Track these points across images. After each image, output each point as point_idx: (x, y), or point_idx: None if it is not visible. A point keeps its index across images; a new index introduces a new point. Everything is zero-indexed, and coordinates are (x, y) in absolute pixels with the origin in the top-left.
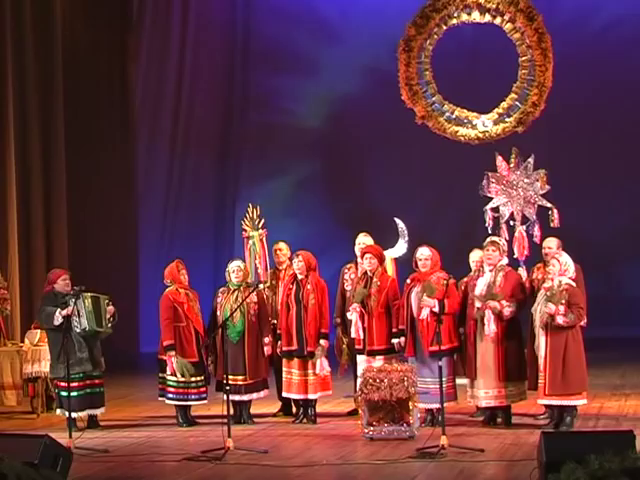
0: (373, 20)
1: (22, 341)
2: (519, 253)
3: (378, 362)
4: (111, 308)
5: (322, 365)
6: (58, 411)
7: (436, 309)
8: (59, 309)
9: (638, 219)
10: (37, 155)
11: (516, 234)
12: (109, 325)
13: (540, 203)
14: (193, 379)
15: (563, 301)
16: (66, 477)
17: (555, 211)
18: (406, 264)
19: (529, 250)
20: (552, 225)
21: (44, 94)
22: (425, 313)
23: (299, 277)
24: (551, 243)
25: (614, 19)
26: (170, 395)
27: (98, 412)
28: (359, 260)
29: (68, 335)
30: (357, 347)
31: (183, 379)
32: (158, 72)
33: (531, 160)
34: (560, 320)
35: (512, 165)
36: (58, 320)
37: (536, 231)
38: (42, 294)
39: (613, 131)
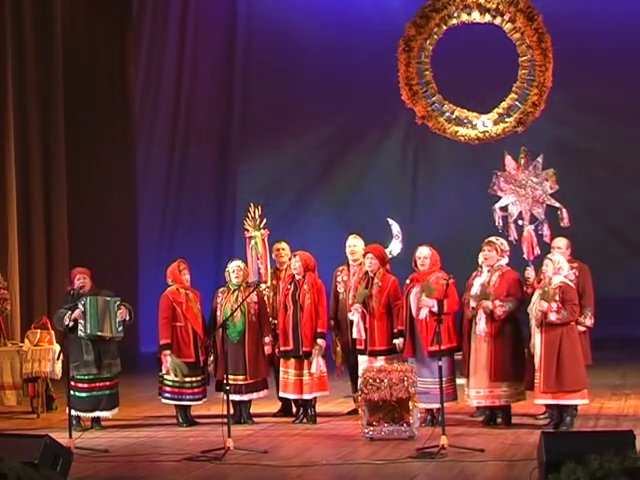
0: (373, 20)
1: (22, 341)
2: (527, 253)
3: (380, 362)
4: (122, 311)
5: (318, 364)
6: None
7: (435, 309)
8: (69, 312)
9: (638, 218)
10: (37, 155)
11: (524, 234)
12: (119, 329)
13: (549, 203)
14: (187, 379)
15: (557, 298)
16: (66, 477)
17: (564, 211)
18: (402, 264)
19: (539, 249)
20: (562, 225)
21: (44, 94)
22: (424, 313)
23: (297, 277)
24: (560, 243)
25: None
26: (166, 394)
27: (108, 414)
28: (350, 262)
29: (68, 337)
30: (358, 347)
31: (177, 379)
32: (158, 72)
33: (540, 159)
34: (553, 317)
35: (521, 164)
36: (67, 322)
37: (545, 230)
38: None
39: (615, 126)
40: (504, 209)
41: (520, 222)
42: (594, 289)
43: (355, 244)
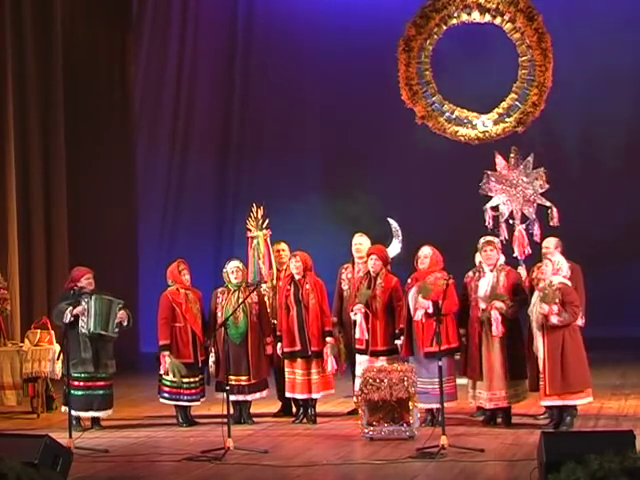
0: (373, 19)
1: (22, 341)
2: (519, 252)
3: (381, 363)
4: (122, 314)
5: (332, 363)
6: (63, 408)
7: (430, 311)
8: (70, 307)
9: (638, 218)
10: (37, 155)
11: (516, 233)
12: (115, 330)
13: (539, 202)
14: (185, 380)
15: (557, 300)
16: (66, 477)
17: (554, 210)
18: (402, 263)
19: (529, 249)
20: (551, 224)
21: (44, 94)
22: (419, 314)
23: (296, 277)
24: (550, 243)
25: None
26: (165, 394)
27: (101, 414)
28: (356, 260)
29: (69, 334)
30: (359, 347)
31: (175, 379)
32: (158, 72)
33: (530, 159)
34: (554, 320)
35: (511, 164)
36: (67, 318)
37: (536, 230)
38: (61, 291)
39: (614, 127)
40: (495, 209)
41: (511, 221)
42: (589, 289)
43: (361, 242)
